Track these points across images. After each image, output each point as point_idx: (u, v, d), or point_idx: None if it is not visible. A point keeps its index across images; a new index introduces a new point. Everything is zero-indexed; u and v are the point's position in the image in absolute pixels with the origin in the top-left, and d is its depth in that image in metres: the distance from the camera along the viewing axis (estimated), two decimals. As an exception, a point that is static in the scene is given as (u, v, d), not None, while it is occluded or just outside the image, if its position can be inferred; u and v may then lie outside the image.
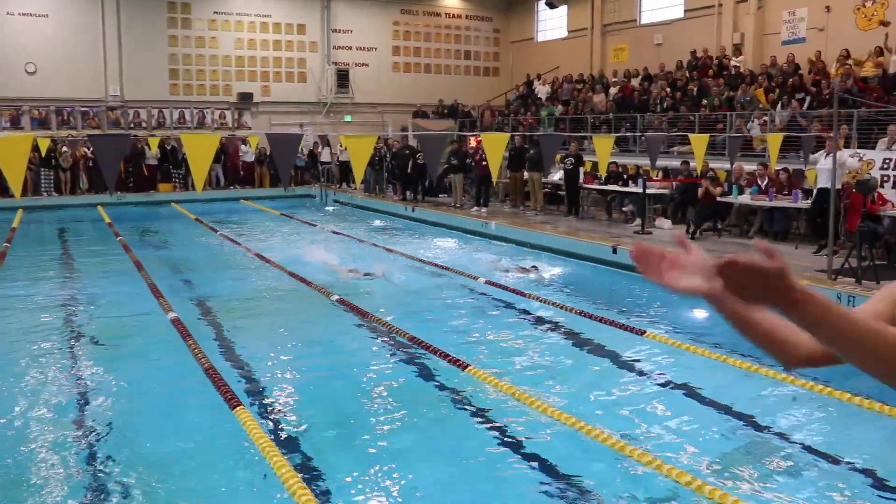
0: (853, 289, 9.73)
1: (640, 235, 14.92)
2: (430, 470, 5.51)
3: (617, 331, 9.09)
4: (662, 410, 6.69)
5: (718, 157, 15.97)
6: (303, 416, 6.53)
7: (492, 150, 10.30)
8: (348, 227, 18.47)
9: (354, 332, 9.15)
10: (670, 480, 5.18)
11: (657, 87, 22.96)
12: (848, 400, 6.71)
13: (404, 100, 30.05)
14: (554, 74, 28.69)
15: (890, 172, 13.49)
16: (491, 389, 7.02)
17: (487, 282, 11.78)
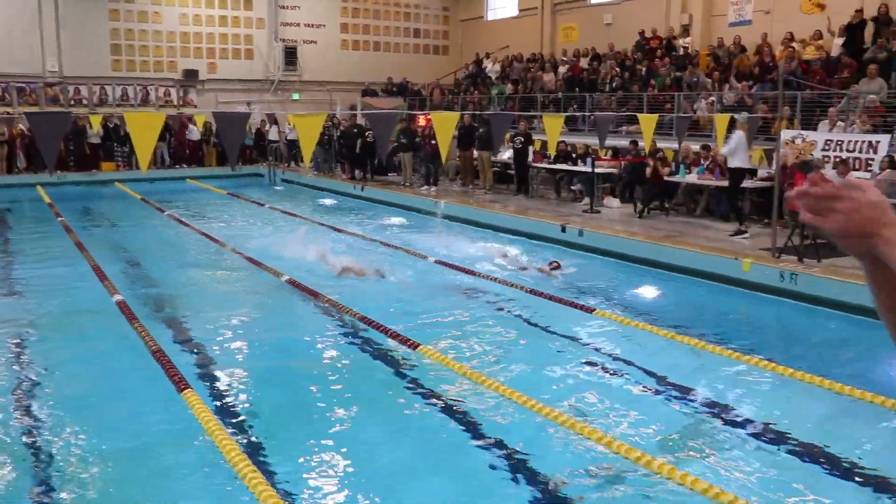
0: (795, 266, 9.94)
1: (588, 214, 15.03)
2: (381, 449, 5.51)
3: (567, 309, 9.18)
4: (612, 387, 6.78)
5: (666, 137, 16.14)
6: (253, 398, 6.48)
7: (441, 128, 10.27)
8: (297, 207, 18.29)
9: (305, 313, 9.10)
10: (620, 456, 5.26)
11: (606, 66, 23.09)
12: (791, 375, 6.88)
13: (353, 78, 29.77)
14: (504, 53, 28.67)
15: (831, 153, 13.79)
16: (442, 368, 7.04)
17: (437, 261, 11.79)
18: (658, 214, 15.09)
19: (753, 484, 4.97)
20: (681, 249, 11.36)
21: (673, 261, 11.26)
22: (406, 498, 4.84)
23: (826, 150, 13.94)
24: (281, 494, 4.64)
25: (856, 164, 13.38)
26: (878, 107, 14.76)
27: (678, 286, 10.45)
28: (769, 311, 9.59)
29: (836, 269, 9.88)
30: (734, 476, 5.07)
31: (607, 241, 12.52)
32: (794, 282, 9.70)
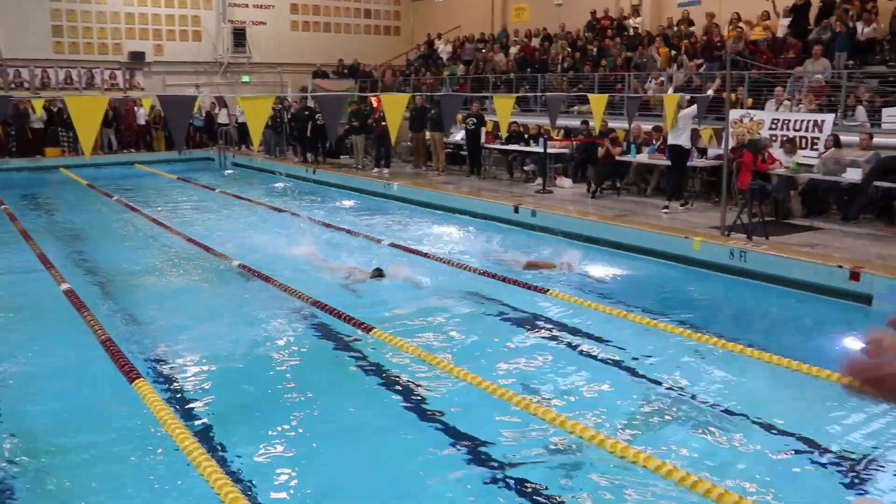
0: (745, 244, 10.09)
1: (541, 195, 15.09)
2: (337, 432, 5.49)
3: (520, 289, 9.21)
4: (566, 367, 6.82)
5: (617, 117, 16.22)
6: (206, 385, 6.40)
7: (391, 110, 10.17)
8: (248, 191, 18.08)
9: (258, 298, 8.99)
10: (574, 435, 5.30)
11: (557, 47, 23.12)
12: (741, 351, 7.00)
13: (304, 60, 29.37)
14: (455, 34, 28.55)
15: (778, 132, 14.00)
16: (397, 351, 7.03)
17: (391, 244, 11.75)
18: (610, 194, 15.21)
19: (704, 458, 5.05)
20: (633, 228, 11.47)
21: (625, 240, 11.36)
22: (363, 481, 4.82)
23: (773, 129, 14.15)
24: (236, 482, 4.60)
25: (802, 142, 13.61)
26: (823, 86, 15.02)
27: (630, 265, 10.54)
28: (719, 288, 9.73)
29: (783, 246, 10.07)
30: (686, 451, 5.14)
31: (560, 220, 12.59)
32: (743, 259, 9.85)
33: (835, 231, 11.39)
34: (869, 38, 16.01)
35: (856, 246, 10.16)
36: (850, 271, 8.71)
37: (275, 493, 4.67)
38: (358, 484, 4.80)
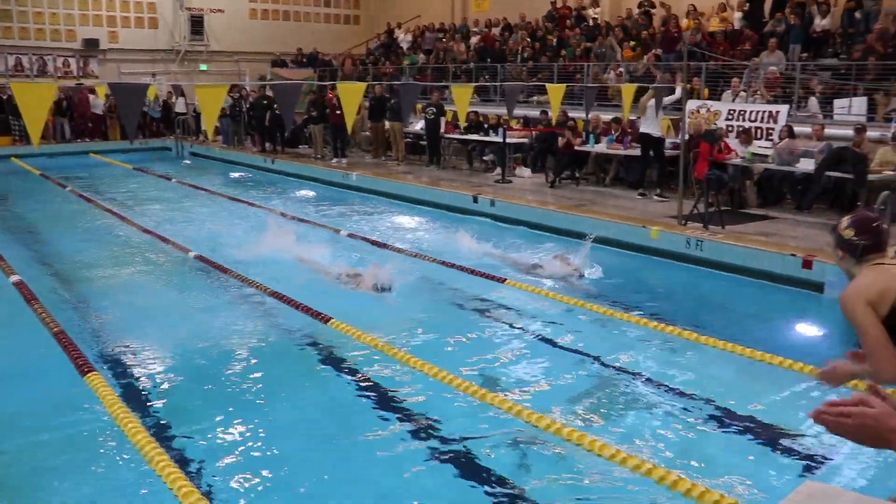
0: (701, 233, 10.21)
1: (500, 184, 15.11)
2: (294, 424, 5.45)
3: (478, 279, 9.22)
4: (524, 356, 6.84)
5: (577, 107, 16.28)
6: (161, 379, 6.31)
7: (347, 99, 10.09)
8: (206, 181, 17.87)
9: (214, 289, 8.91)
10: (530, 425, 5.32)
11: (517, 37, 23.14)
12: (696, 339, 7.08)
13: (263, 48, 29.07)
14: (415, 23, 28.44)
15: (734, 123, 14.17)
16: (354, 342, 6.99)
17: (349, 234, 11.69)
18: (569, 184, 15.28)
19: (661, 445, 5.10)
20: (591, 218, 11.53)
21: (584, 229, 11.40)
22: (320, 472, 4.79)
23: (730, 120, 14.32)
24: (191, 477, 4.55)
25: (757, 133, 13.78)
26: (778, 78, 15.21)
27: (589, 254, 10.60)
28: (676, 276, 9.83)
29: (739, 235, 10.19)
30: (643, 439, 5.19)
31: (519, 210, 12.62)
32: (699, 248, 9.96)
33: (789, 220, 11.56)
34: (822, 30, 16.26)
35: (809, 235, 10.32)
36: (803, 259, 8.85)
37: (230, 485, 4.62)
38: (315, 475, 4.77)
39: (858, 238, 3.17)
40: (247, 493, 4.57)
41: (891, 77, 13.77)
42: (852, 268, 3.24)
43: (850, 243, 3.19)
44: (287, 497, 4.55)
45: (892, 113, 13.20)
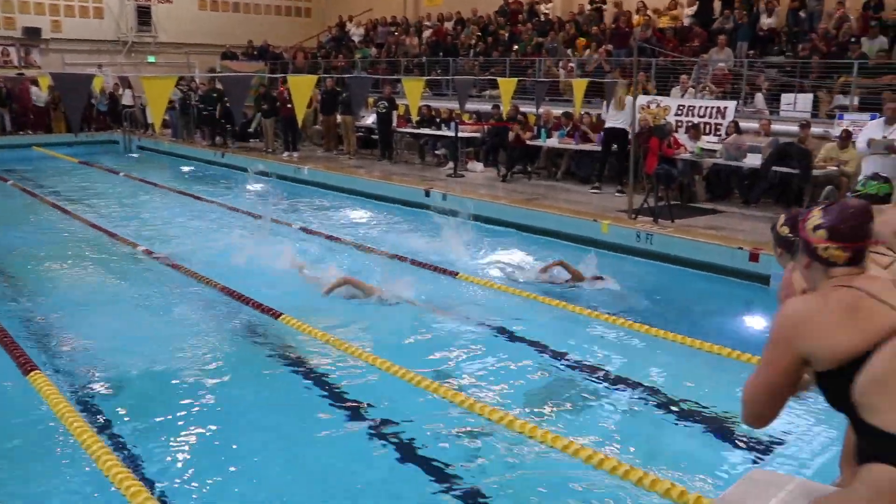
0: (651, 227, 10.32)
1: (452, 178, 15.11)
2: (246, 422, 5.38)
3: (431, 273, 9.21)
4: (477, 350, 6.84)
5: (529, 102, 16.36)
6: (109, 375, 6.18)
7: (298, 92, 10.00)
8: (154, 175, 17.57)
9: (163, 285, 8.76)
10: (483, 418, 5.33)
11: (469, 31, 23.17)
12: (646, 331, 7.16)
13: (212, 40, 28.59)
14: (367, 17, 28.30)
15: (683, 118, 14.36)
16: (306, 337, 6.94)
17: (302, 228, 11.60)
18: (521, 178, 15.35)
19: (612, 436, 5.14)
20: (543, 212, 11.60)
21: (535, 223, 11.48)
22: (274, 469, 4.74)
23: (679, 115, 14.51)
24: (140, 477, 4.47)
25: (706, 128, 13.99)
26: (727, 75, 15.46)
27: (540, 248, 10.65)
28: (626, 270, 9.91)
29: (688, 228, 10.34)
30: (594, 431, 5.22)
31: (471, 204, 12.61)
32: (649, 241, 10.07)
33: (736, 214, 11.75)
34: (769, 29, 16.55)
35: (756, 228, 10.50)
36: (750, 253, 9.00)
37: (179, 484, 4.55)
38: (267, 472, 4.72)
39: (794, 236, 3.18)
40: (198, 490, 4.51)
41: (834, 75, 14.07)
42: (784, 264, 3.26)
43: (786, 241, 3.21)
44: (239, 495, 4.49)
45: (835, 110, 13.49)
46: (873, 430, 2.13)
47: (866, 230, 2.35)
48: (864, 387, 2.15)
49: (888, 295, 2.26)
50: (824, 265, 2.40)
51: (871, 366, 2.15)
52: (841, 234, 2.34)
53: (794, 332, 2.30)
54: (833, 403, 2.33)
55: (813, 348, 2.25)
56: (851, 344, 2.19)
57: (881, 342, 2.16)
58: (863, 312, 2.23)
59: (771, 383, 2.39)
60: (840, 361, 2.20)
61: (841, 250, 2.35)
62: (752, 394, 2.46)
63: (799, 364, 2.31)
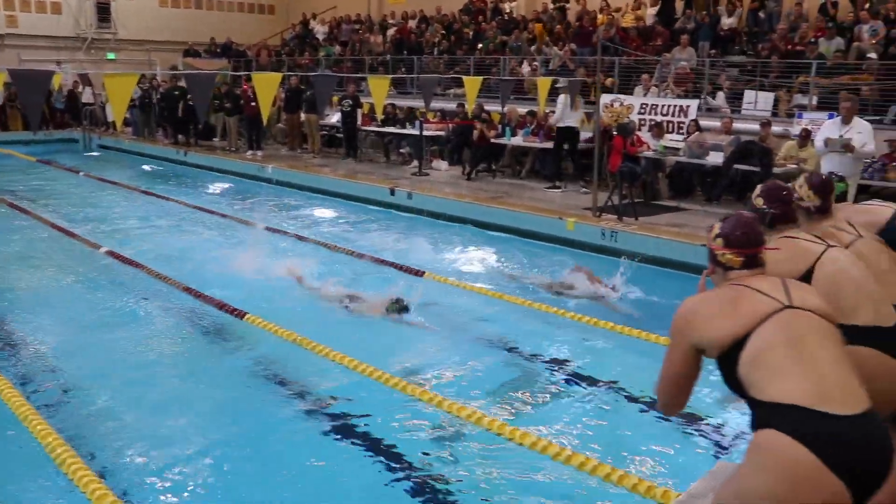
0: (615, 224, 10.41)
1: (417, 177, 15.11)
2: (211, 423, 5.33)
3: (396, 272, 9.20)
4: (443, 349, 6.86)
5: (493, 100, 16.40)
6: (71, 376, 6.09)
7: (263, 90, 9.93)
8: (115, 174, 17.33)
9: (127, 285, 8.65)
10: (451, 415, 5.34)
11: (433, 30, 23.16)
12: (611, 328, 7.23)
13: (174, 38, 28.24)
14: (331, 14, 28.16)
15: (647, 117, 14.49)
16: (270, 337, 6.90)
17: (266, 227, 11.52)
18: (485, 176, 15.38)
19: (580, 432, 5.18)
20: (508, 210, 11.63)
21: (501, 221, 11.51)
22: (238, 468, 4.71)
23: (642, 114, 14.64)
24: (100, 475, 4.42)
25: (669, 127, 14.12)
26: (689, 74, 15.62)
27: (506, 246, 10.69)
28: (591, 267, 9.96)
29: (652, 226, 10.43)
30: (561, 427, 5.26)
31: (436, 203, 12.64)
32: (614, 239, 10.15)
33: (699, 211, 11.88)
34: (730, 28, 16.76)
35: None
36: (713, 250, 9.09)
37: (143, 480, 4.51)
38: (231, 472, 4.68)
39: (768, 206, 3.21)
40: (162, 490, 4.46)
41: (793, 75, 14.29)
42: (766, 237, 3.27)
43: (761, 212, 3.24)
44: (202, 494, 4.45)
45: (794, 109, 13.69)
46: (757, 403, 2.38)
47: (755, 238, 2.70)
48: (744, 366, 2.42)
49: (769, 288, 2.55)
50: (723, 269, 2.74)
51: (748, 347, 2.43)
52: (734, 242, 2.70)
53: (685, 324, 2.61)
54: (729, 385, 2.56)
55: (701, 337, 2.55)
56: (731, 330, 2.47)
57: (757, 326, 2.44)
58: (742, 302, 2.53)
59: (674, 374, 2.68)
60: (724, 346, 2.48)
61: (735, 255, 2.69)
62: (660, 385, 2.74)
63: (693, 354, 2.60)
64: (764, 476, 2.25)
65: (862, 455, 2.23)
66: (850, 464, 2.19)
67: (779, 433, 2.26)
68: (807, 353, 2.38)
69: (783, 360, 2.38)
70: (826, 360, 2.39)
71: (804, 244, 3.11)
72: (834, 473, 2.17)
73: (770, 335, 2.42)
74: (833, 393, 2.30)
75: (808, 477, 2.18)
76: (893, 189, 10.56)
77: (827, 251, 3.06)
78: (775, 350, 2.40)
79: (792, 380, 2.33)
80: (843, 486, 2.18)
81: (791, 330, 2.43)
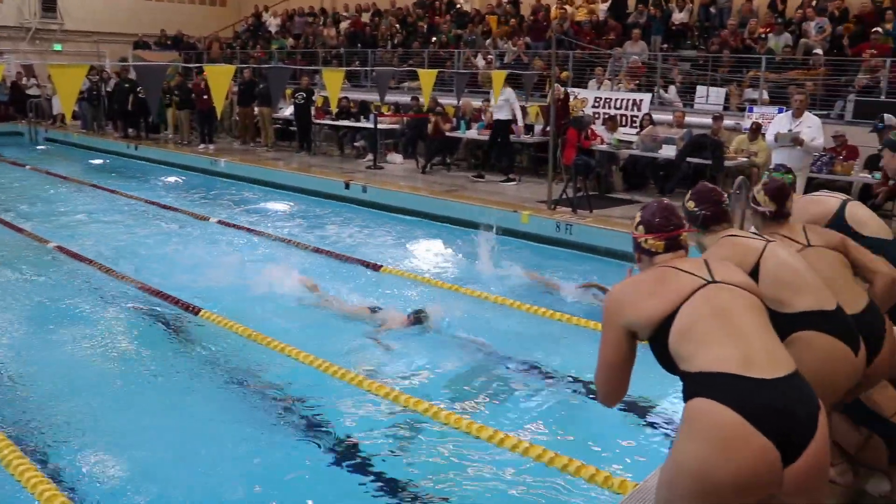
0: (570, 217, 10.48)
1: (371, 170, 15.05)
2: (167, 420, 5.26)
3: (354, 266, 9.16)
4: (400, 343, 6.83)
5: (448, 94, 16.39)
6: (19, 377, 5.96)
7: (215, 83, 9.79)
8: (64, 168, 16.97)
9: (77, 282, 8.48)
10: (409, 409, 5.34)
11: (387, 22, 23.07)
12: (567, 320, 7.27)
13: (124, 29, 27.68)
14: (284, 7, 27.87)
15: (601, 110, 14.60)
16: (226, 333, 6.83)
17: (219, 221, 11.39)
18: (440, 169, 15.37)
19: (538, 425, 5.21)
20: (463, 203, 11.64)
21: (456, 214, 11.51)
22: (198, 468, 4.64)
23: (596, 107, 14.75)
24: (52, 479, 4.33)
25: (622, 120, 14.25)
26: (641, 67, 15.77)
27: (462, 239, 10.70)
28: (547, 260, 10.02)
29: (606, 218, 10.52)
30: (520, 420, 5.28)
31: (391, 196, 12.60)
32: (568, 231, 10.22)
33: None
34: (681, 23, 16.97)
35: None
36: (666, 242, 9.19)
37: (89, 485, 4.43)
38: (186, 469, 4.62)
39: (699, 208, 3.25)
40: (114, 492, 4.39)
41: (743, 70, 14.52)
42: (702, 240, 3.30)
43: (692, 214, 3.27)
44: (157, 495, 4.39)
45: (745, 103, 13.91)
46: (687, 376, 2.45)
47: (674, 221, 2.80)
48: (674, 342, 2.50)
49: (692, 268, 2.65)
50: (648, 255, 2.82)
51: (676, 323, 2.50)
52: (654, 227, 2.80)
53: (615, 308, 2.66)
54: (663, 365, 2.63)
55: (631, 319, 2.60)
56: (659, 308, 2.54)
57: (683, 302, 2.52)
58: (667, 282, 2.62)
59: (609, 362, 2.70)
60: (654, 325, 2.55)
61: (656, 240, 2.79)
62: (599, 374, 2.75)
63: (627, 336, 2.65)
64: (695, 443, 2.31)
65: (788, 415, 2.29)
66: (776, 424, 2.26)
67: (706, 400, 2.33)
68: (731, 323, 2.47)
69: (709, 330, 2.46)
70: (750, 328, 2.48)
71: (745, 241, 3.16)
72: (762, 433, 2.24)
73: (696, 309, 2.51)
74: (758, 358, 2.39)
75: (736, 438, 2.24)
76: (842, 182, 10.79)
77: (767, 246, 3.10)
78: (701, 322, 2.48)
79: (718, 348, 2.41)
80: (772, 446, 2.25)
81: (715, 302, 2.52)
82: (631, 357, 2.69)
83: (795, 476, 2.29)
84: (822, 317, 3.02)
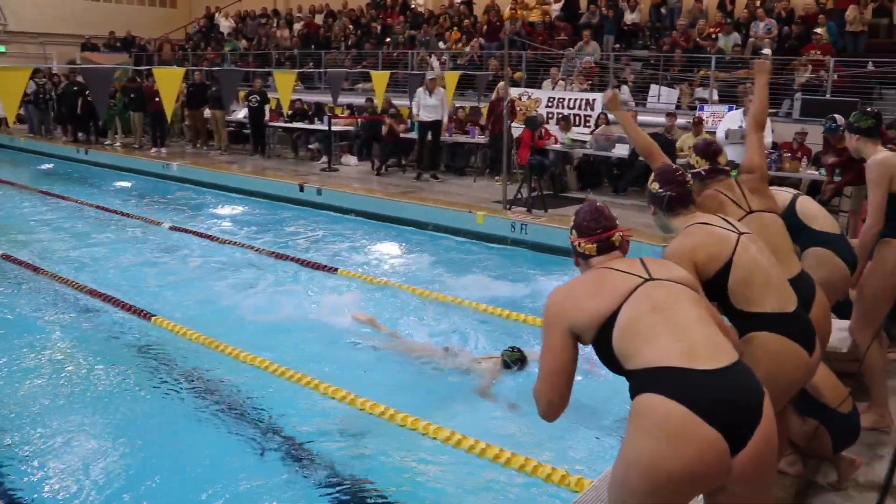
0: (524, 217, 10.52)
1: (326, 173, 14.97)
2: (119, 428, 5.16)
3: (309, 270, 9.09)
4: (357, 346, 6.80)
5: (402, 95, 16.37)
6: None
7: (165, 86, 9.67)
8: (9, 173, 16.59)
9: (24, 291, 8.29)
10: (364, 412, 5.30)
11: (341, 24, 22.99)
12: (524, 320, 7.29)
13: (71, 30, 27.22)
14: (236, 8, 27.62)
15: (554, 110, 14.68)
16: (178, 339, 6.73)
17: (172, 227, 11.23)
18: (395, 171, 15.35)
19: (494, 425, 5.21)
20: (418, 204, 11.62)
21: (411, 216, 11.49)
22: (150, 472, 4.57)
23: (550, 107, 14.82)
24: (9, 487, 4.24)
25: (576, 120, 14.34)
26: (593, 68, 15.90)
27: (417, 241, 10.68)
28: (502, 260, 10.05)
29: (561, 217, 10.58)
30: (476, 421, 5.27)
31: (346, 198, 12.54)
32: (524, 231, 10.26)
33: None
34: (633, 24, 17.15)
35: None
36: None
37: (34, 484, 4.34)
38: (139, 474, 4.54)
39: (664, 189, 3.24)
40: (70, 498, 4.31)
41: (694, 69, 14.72)
42: (668, 223, 3.30)
43: (657, 196, 3.27)
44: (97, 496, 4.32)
45: (696, 102, 14.09)
46: (632, 374, 2.45)
47: (602, 223, 2.84)
48: (617, 341, 2.50)
49: (628, 267, 2.66)
50: (584, 259, 2.86)
51: (618, 323, 2.50)
52: (584, 231, 2.86)
53: (557, 311, 2.63)
54: (609, 367, 2.61)
55: (573, 321, 2.58)
56: (600, 308, 2.54)
57: (623, 301, 2.52)
58: (605, 282, 2.62)
59: (553, 369, 2.66)
60: (597, 326, 2.54)
61: (587, 243, 2.84)
62: (541, 384, 2.71)
63: (569, 340, 2.61)
64: (644, 438, 2.32)
65: (733, 404, 2.31)
66: (723, 414, 2.27)
67: (652, 395, 2.34)
68: (672, 317, 2.48)
69: (650, 326, 2.46)
70: (690, 321, 2.49)
71: (718, 231, 3.12)
72: (709, 424, 2.25)
73: (636, 306, 2.51)
74: (700, 350, 2.40)
75: (683, 429, 2.25)
76: (793, 179, 10.98)
77: (740, 239, 3.10)
78: (642, 319, 2.48)
79: (659, 343, 2.42)
80: (720, 436, 2.26)
81: (654, 298, 2.53)
82: (573, 364, 2.66)
83: (743, 464, 2.31)
84: (783, 318, 3.06)
